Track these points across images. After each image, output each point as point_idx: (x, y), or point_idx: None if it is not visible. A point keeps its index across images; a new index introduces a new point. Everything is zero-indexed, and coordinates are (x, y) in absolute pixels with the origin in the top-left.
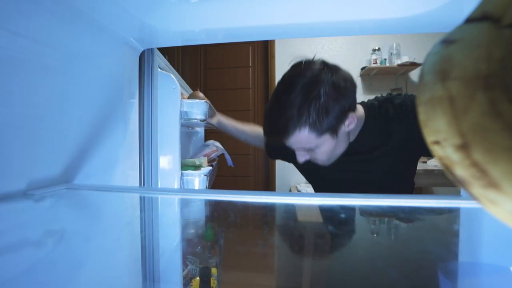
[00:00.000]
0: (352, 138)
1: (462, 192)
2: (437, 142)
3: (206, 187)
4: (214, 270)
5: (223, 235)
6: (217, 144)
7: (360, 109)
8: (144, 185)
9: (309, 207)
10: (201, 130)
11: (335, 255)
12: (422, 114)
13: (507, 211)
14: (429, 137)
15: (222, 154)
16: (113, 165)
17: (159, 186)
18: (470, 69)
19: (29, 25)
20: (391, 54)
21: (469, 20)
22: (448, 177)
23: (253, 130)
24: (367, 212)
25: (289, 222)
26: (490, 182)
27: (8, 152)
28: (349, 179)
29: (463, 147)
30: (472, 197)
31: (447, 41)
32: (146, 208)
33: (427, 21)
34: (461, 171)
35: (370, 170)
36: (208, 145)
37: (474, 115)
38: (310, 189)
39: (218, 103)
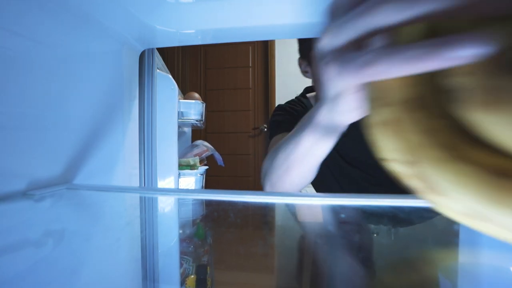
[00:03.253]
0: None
1: None
2: (389, 160)
3: (202, 187)
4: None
5: (213, 234)
6: (206, 144)
7: None
8: (145, 185)
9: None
10: (188, 130)
11: (335, 255)
12: (372, 135)
13: (457, 212)
14: (381, 155)
15: (212, 155)
16: (113, 165)
17: (158, 186)
18: (405, 93)
19: (29, 25)
20: None
21: None
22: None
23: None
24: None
25: (289, 222)
26: (440, 191)
27: (8, 152)
28: (361, 156)
29: (412, 163)
30: (429, 202)
31: None
32: (146, 208)
33: None
34: (415, 183)
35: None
36: (198, 145)
37: (415, 133)
38: (310, 189)
39: (218, 103)
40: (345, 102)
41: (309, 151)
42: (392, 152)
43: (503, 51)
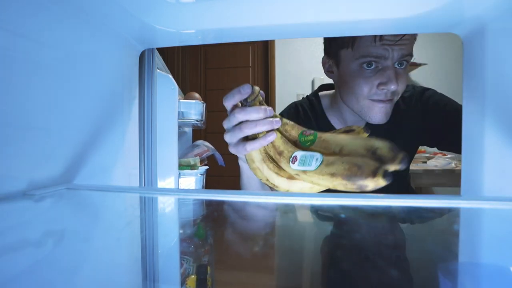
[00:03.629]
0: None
1: (462, 192)
2: (260, 179)
3: (203, 187)
4: (208, 269)
5: (213, 234)
6: (207, 144)
7: None
8: (144, 185)
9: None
10: (189, 130)
11: (335, 255)
12: (255, 173)
13: (264, 179)
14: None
15: (212, 155)
16: (113, 165)
17: (158, 186)
18: (259, 156)
19: (29, 25)
20: None
21: None
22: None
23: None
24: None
25: (288, 222)
26: (268, 179)
27: (8, 152)
28: None
29: (266, 180)
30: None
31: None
32: (146, 208)
33: (427, 21)
34: (266, 183)
35: None
36: (198, 145)
37: (266, 170)
38: None
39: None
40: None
41: (248, 181)
42: (261, 177)
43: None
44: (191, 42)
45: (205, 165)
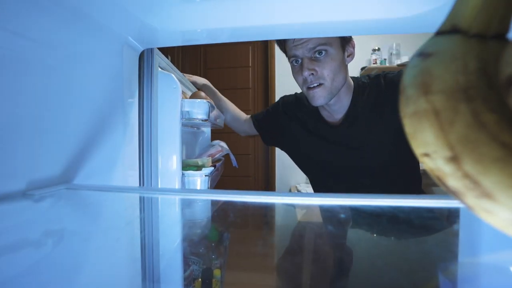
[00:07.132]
0: (342, 109)
1: None
2: (426, 155)
3: (208, 188)
4: (217, 272)
5: (228, 236)
6: (223, 144)
7: (350, 81)
8: (144, 185)
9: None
10: (207, 130)
11: (335, 255)
12: (409, 126)
13: (503, 219)
14: (418, 150)
15: (227, 154)
16: (113, 165)
17: (160, 186)
18: (450, 82)
19: (29, 25)
20: (391, 54)
21: (441, 32)
22: (442, 188)
23: (235, 108)
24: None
25: (289, 222)
26: (483, 192)
27: (8, 152)
28: (346, 161)
29: (453, 159)
30: (467, 206)
31: (424, 54)
32: (146, 208)
33: (427, 21)
34: (454, 182)
35: (365, 145)
36: (214, 145)
37: (460, 127)
38: (310, 189)
39: None
40: None
41: None
42: (427, 146)
43: None
44: (192, 42)
45: (213, 165)
